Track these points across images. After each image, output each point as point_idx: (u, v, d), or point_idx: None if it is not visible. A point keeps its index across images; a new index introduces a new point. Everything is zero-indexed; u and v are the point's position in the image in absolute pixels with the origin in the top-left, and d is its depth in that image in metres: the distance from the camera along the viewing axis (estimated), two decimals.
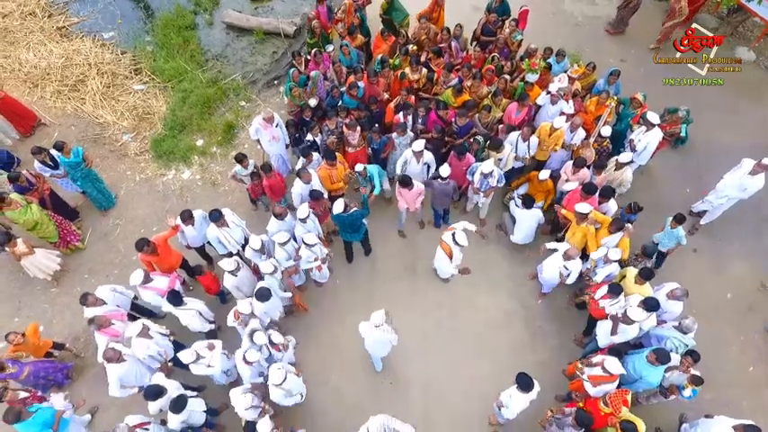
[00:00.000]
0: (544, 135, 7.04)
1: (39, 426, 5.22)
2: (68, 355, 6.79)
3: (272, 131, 7.15)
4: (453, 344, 6.89)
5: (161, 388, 5.19)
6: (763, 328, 7.06)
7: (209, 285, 6.65)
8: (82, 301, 5.78)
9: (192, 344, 5.67)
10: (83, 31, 10.39)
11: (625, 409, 5.08)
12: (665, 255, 6.85)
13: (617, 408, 5.04)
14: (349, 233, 6.71)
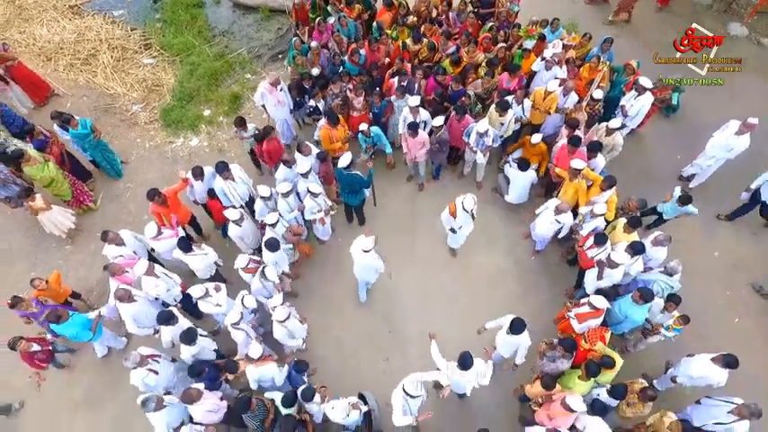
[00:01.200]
0: (538, 99, 7.32)
1: (78, 326, 5.78)
2: (83, 306, 7.11)
3: (277, 95, 7.46)
4: (450, 298, 7.17)
5: (172, 314, 5.52)
6: (748, 284, 7.31)
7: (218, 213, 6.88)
8: (102, 238, 6.14)
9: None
10: (94, 9, 10.81)
11: (601, 344, 5.36)
12: (664, 220, 7.10)
13: (593, 341, 5.34)
14: (347, 194, 7.02)
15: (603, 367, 5.26)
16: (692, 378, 5.58)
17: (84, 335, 5.89)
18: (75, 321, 5.75)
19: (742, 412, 4.99)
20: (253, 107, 9.13)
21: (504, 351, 5.73)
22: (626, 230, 6.06)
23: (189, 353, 5.52)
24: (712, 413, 5.29)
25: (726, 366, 5.24)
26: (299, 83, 7.89)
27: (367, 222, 7.80)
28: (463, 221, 6.60)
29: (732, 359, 5.17)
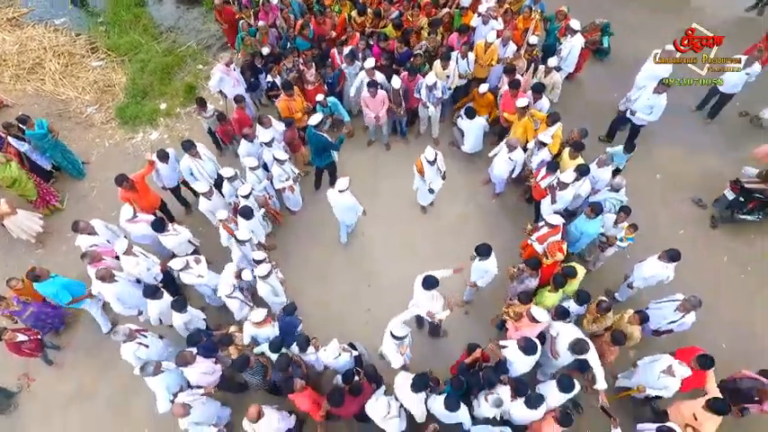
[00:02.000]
0: (480, 52, 7.79)
1: (58, 286, 6.04)
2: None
3: (233, 75, 7.67)
4: (421, 248, 7.57)
5: (158, 287, 5.70)
6: (688, 198, 8.01)
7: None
8: (73, 228, 6.20)
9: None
10: (33, 20, 10.67)
11: (560, 254, 5.87)
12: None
13: (553, 253, 5.84)
14: (315, 155, 7.33)
15: (568, 277, 5.75)
16: (645, 279, 6.16)
17: (62, 296, 6.09)
18: (55, 282, 5.95)
19: (686, 306, 5.60)
20: (208, 95, 9.27)
21: (476, 276, 6.15)
22: (571, 156, 6.60)
23: (181, 320, 5.71)
24: (663, 314, 5.87)
25: (670, 260, 5.82)
26: (250, 63, 8.11)
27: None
28: (431, 176, 6.95)
29: (674, 252, 5.76)
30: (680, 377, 5.21)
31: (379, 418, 4.95)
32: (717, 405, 4.97)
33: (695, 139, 8.53)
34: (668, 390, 5.35)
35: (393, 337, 5.36)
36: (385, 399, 5.04)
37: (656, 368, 5.46)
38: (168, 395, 5.44)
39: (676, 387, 5.29)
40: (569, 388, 4.96)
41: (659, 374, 5.39)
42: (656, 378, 5.42)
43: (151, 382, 5.38)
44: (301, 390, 5.16)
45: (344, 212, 6.72)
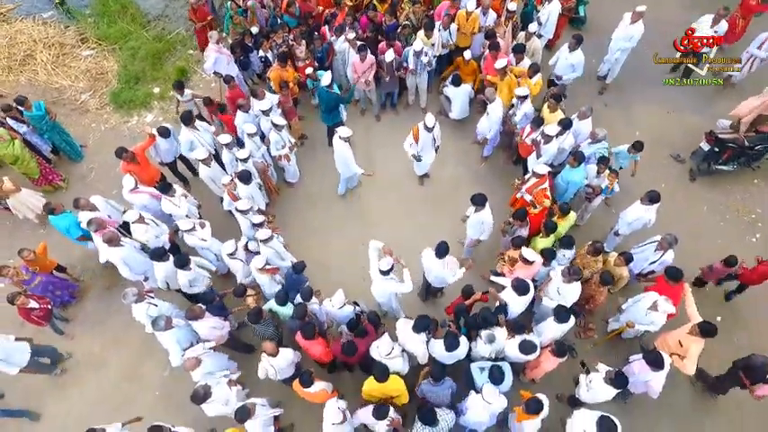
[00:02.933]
0: (462, 21, 8.09)
1: (72, 221, 6.43)
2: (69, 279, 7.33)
3: (225, 52, 7.90)
4: (414, 209, 7.89)
5: (165, 250, 5.91)
6: (668, 155, 8.39)
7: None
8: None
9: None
10: (21, 14, 10.76)
11: (547, 201, 6.21)
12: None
13: (540, 200, 6.17)
14: (325, 113, 7.68)
15: (560, 214, 6.12)
16: (629, 225, 6.50)
17: (74, 231, 6.44)
18: (69, 216, 6.32)
19: (664, 244, 5.96)
20: (201, 79, 9.51)
21: (473, 232, 6.44)
22: (551, 109, 6.95)
23: (185, 278, 5.91)
24: (645, 256, 6.23)
25: (650, 202, 6.17)
26: (240, 42, 8.35)
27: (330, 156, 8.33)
28: (425, 143, 7.18)
29: (654, 193, 6.11)
30: (664, 312, 5.52)
31: (383, 356, 5.21)
32: (706, 327, 5.27)
33: (671, 99, 8.94)
34: (654, 324, 5.67)
35: (383, 273, 5.58)
36: (388, 338, 5.29)
37: (642, 306, 5.78)
38: (180, 350, 5.65)
39: (662, 321, 5.61)
40: (566, 319, 5.27)
41: (646, 311, 5.71)
42: (644, 315, 5.74)
43: (163, 337, 5.59)
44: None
45: (341, 163, 7.04)
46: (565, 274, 5.59)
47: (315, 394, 5.21)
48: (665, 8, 9.80)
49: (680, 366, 5.43)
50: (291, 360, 5.43)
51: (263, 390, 6.05)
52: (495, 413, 5.11)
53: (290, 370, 5.61)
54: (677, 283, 5.59)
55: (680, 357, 5.51)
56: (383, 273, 5.53)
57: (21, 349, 6.02)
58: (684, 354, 5.46)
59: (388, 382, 5.02)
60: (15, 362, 5.93)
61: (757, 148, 7.61)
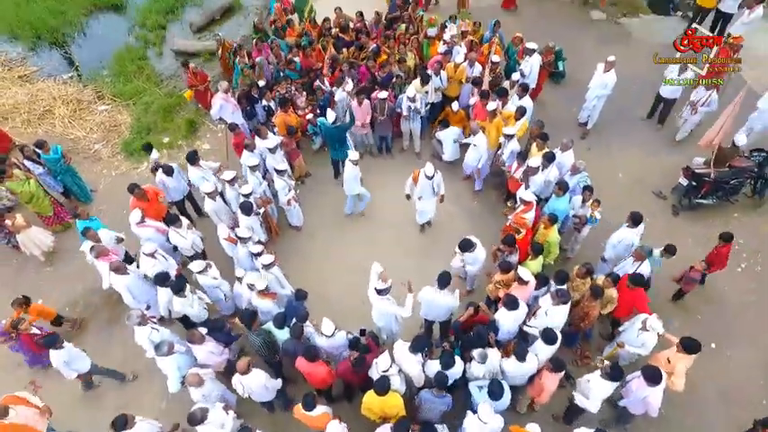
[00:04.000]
0: (450, 72, 8.85)
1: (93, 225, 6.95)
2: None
3: (232, 102, 8.55)
4: (412, 246, 8.18)
5: (168, 275, 6.11)
6: (650, 192, 8.83)
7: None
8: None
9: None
10: (43, 76, 11.63)
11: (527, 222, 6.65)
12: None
13: (520, 223, 6.54)
14: (335, 148, 8.25)
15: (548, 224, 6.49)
16: (615, 246, 6.81)
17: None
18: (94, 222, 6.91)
19: (639, 254, 6.32)
20: (208, 129, 10.15)
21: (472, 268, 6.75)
22: (539, 147, 7.44)
23: (180, 305, 6.09)
24: (625, 270, 6.52)
25: (634, 223, 6.51)
26: (247, 93, 9.03)
27: (330, 195, 8.90)
28: (423, 189, 7.52)
29: (636, 214, 6.47)
30: (655, 331, 5.70)
31: (381, 371, 5.27)
32: (687, 343, 5.44)
33: (650, 142, 9.53)
34: (645, 347, 5.81)
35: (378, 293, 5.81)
36: (388, 355, 5.38)
37: (634, 328, 5.95)
38: (179, 376, 5.70)
39: (653, 342, 5.76)
40: (553, 340, 5.42)
41: (637, 332, 5.87)
42: (635, 336, 5.89)
43: (163, 363, 5.66)
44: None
45: (348, 183, 7.79)
46: (554, 297, 5.80)
47: (316, 418, 5.21)
48: (633, 62, 10.67)
49: (669, 385, 5.49)
50: (264, 384, 5.47)
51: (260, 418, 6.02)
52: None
53: (267, 394, 5.68)
54: (635, 288, 5.99)
55: (669, 375, 5.59)
56: (379, 292, 5.72)
57: (81, 357, 6.21)
58: (672, 371, 5.57)
59: (388, 397, 5.06)
60: (76, 368, 6.14)
61: (732, 182, 8.07)
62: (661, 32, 11.84)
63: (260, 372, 5.52)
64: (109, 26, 13.23)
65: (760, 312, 7.38)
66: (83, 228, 6.76)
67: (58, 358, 5.90)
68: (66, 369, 6.03)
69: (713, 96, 8.51)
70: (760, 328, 7.23)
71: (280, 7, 10.36)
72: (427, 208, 7.84)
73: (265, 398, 5.63)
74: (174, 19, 13.27)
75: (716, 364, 6.89)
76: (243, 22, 13.01)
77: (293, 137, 8.04)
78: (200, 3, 13.66)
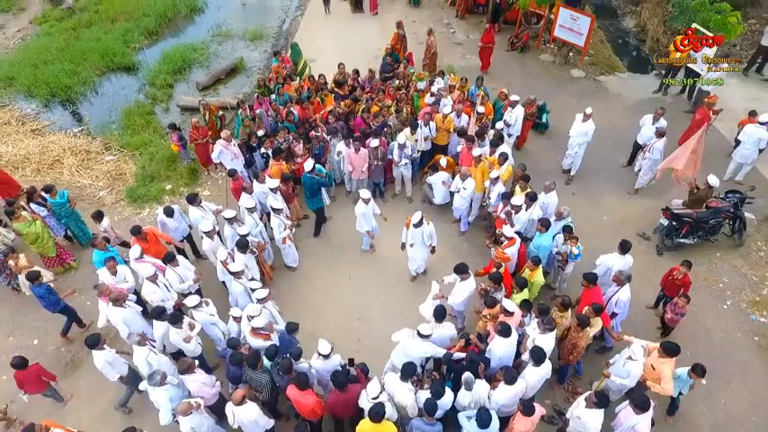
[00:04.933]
0: (439, 122, 9.45)
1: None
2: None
3: (231, 149, 9.06)
4: (403, 285, 8.37)
5: (165, 309, 6.27)
6: (635, 233, 9.15)
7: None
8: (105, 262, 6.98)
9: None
10: (55, 130, 12.28)
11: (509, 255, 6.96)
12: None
13: (502, 257, 6.82)
14: (308, 197, 8.56)
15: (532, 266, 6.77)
16: (597, 267, 7.19)
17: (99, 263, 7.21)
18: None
19: (619, 279, 6.61)
20: (209, 178, 10.62)
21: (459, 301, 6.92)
22: (522, 188, 7.86)
23: (177, 335, 6.18)
24: (607, 295, 6.81)
25: (623, 251, 6.93)
26: (246, 142, 9.58)
27: (326, 239, 9.24)
28: (413, 237, 7.74)
29: (625, 242, 6.90)
30: (641, 360, 5.84)
31: (371, 398, 5.32)
32: (668, 346, 5.78)
33: (631, 186, 9.95)
34: (631, 377, 5.93)
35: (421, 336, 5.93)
36: (377, 382, 5.46)
37: (622, 358, 6.09)
38: (170, 408, 5.73)
39: (639, 371, 5.89)
40: (541, 359, 5.53)
41: (624, 362, 6.00)
42: (622, 366, 6.02)
43: (155, 394, 5.71)
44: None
45: (359, 220, 8.22)
46: (540, 325, 5.97)
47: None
48: (611, 114, 11.37)
49: (659, 391, 5.69)
50: (256, 419, 5.49)
51: None
52: None
53: (256, 430, 5.68)
54: (592, 286, 6.53)
55: (657, 382, 5.82)
56: (422, 336, 5.87)
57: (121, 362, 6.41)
58: (659, 376, 5.78)
59: (382, 425, 5.09)
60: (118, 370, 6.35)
61: (711, 222, 8.42)
62: (636, 89, 12.71)
63: (254, 406, 5.55)
64: (120, 85, 14.14)
65: (746, 348, 7.48)
66: (106, 257, 7.04)
67: (101, 359, 6.10)
68: (110, 370, 6.25)
69: (656, 145, 9.05)
70: (747, 363, 7.30)
71: (279, 66, 11.18)
72: (417, 256, 8.02)
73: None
74: (181, 79, 14.21)
75: (708, 401, 6.92)
76: (246, 81, 13.92)
77: (288, 183, 8.42)
78: (207, 64, 14.66)
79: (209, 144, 10.13)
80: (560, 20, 12.85)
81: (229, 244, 7.70)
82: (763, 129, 8.99)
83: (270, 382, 5.93)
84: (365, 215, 8.03)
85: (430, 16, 15.96)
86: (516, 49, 14.10)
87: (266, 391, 5.95)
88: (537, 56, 14.05)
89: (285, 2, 17.98)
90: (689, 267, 7.10)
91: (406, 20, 14.20)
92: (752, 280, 8.35)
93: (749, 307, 7.97)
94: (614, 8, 17.41)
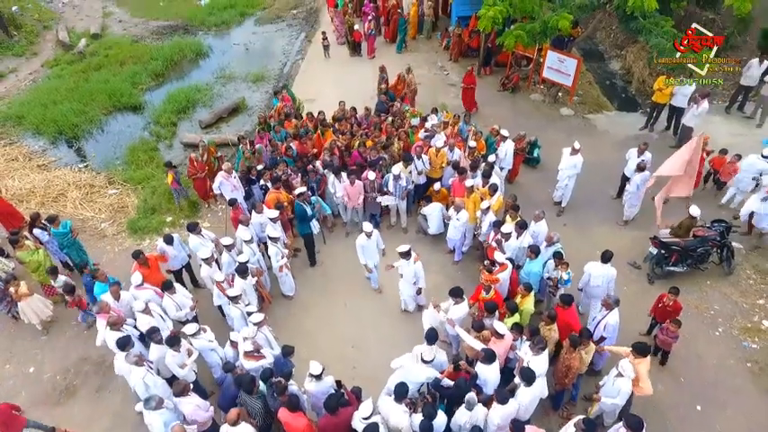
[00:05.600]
0: (432, 156, 9.82)
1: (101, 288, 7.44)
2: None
3: (232, 182, 9.37)
4: (399, 315, 8.47)
5: (158, 328, 6.37)
6: (626, 263, 9.32)
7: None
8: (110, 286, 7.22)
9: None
10: (60, 166, 12.65)
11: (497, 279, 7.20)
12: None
13: (491, 281, 7.01)
14: (299, 224, 8.77)
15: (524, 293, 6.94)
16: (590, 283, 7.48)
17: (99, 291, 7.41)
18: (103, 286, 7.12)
19: (607, 303, 6.73)
20: (209, 210, 10.88)
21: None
22: (512, 216, 8.11)
23: (173, 359, 6.25)
24: (592, 315, 7.12)
25: (603, 261, 7.18)
26: (245, 175, 9.90)
27: (322, 268, 9.41)
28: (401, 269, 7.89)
29: (606, 252, 7.22)
30: (629, 376, 5.90)
31: (362, 418, 5.35)
32: (639, 346, 6.05)
33: (620, 217, 10.19)
34: (621, 395, 5.97)
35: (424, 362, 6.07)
36: (370, 403, 5.49)
37: (611, 377, 6.17)
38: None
39: (628, 388, 5.95)
40: (531, 379, 5.60)
41: (613, 380, 6.07)
42: (612, 385, 6.08)
43: (151, 417, 5.72)
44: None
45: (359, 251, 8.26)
46: (532, 348, 6.05)
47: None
48: (600, 150, 11.79)
49: (639, 392, 5.87)
50: None
51: None
52: None
53: None
54: (567, 307, 6.76)
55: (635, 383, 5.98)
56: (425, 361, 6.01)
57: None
58: (638, 377, 5.96)
59: None
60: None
61: (699, 250, 8.62)
62: (623, 126, 13.22)
63: (249, 427, 5.57)
64: (126, 123, 14.67)
65: (739, 374, 7.51)
66: (112, 281, 7.41)
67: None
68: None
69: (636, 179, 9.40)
70: (740, 389, 7.31)
71: (280, 105, 11.72)
72: (404, 291, 8.11)
73: None
74: (184, 117, 14.75)
75: (703, 427, 6.90)
76: (247, 120, 14.46)
77: (283, 211, 8.67)
78: (210, 104, 15.25)
79: (207, 180, 10.45)
80: (548, 62, 13.50)
81: (225, 270, 7.85)
82: (764, 162, 9.37)
83: (264, 407, 5.95)
84: (364, 248, 8.14)
85: (426, 60, 16.71)
86: (507, 89, 14.71)
87: (260, 417, 5.97)
88: (527, 96, 14.65)
89: (286, 47, 18.85)
90: (677, 293, 7.25)
91: (402, 63, 14.93)
92: (742, 307, 8.45)
93: (741, 334, 8.04)
94: (601, 52, 18.20)
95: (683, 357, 7.68)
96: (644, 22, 10.38)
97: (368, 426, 5.19)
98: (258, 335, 6.64)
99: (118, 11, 22.66)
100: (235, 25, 21.07)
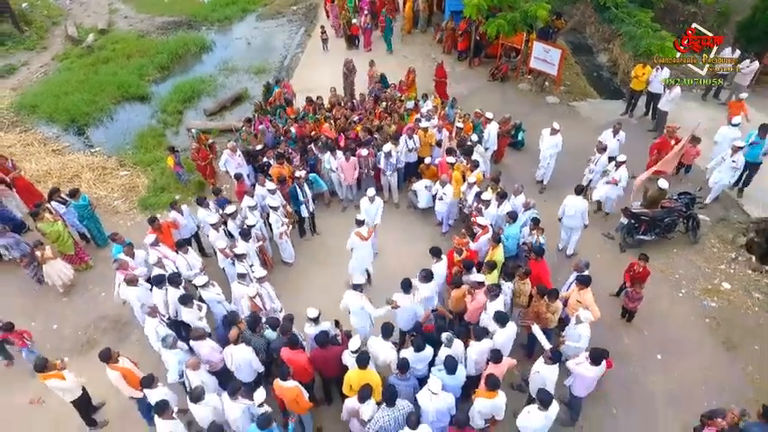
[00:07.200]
0: (422, 136, 10.58)
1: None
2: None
3: (236, 159, 10.14)
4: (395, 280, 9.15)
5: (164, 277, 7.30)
6: (600, 233, 10.08)
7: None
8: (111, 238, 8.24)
9: None
10: (74, 151, 13.41)
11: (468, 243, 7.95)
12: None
13: (462, 243, 7.84)
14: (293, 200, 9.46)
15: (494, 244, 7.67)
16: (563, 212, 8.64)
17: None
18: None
19: (577, 267, 7.43)
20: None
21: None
22: (492, 188, 8.86)
23: (189, 315, 7.03)
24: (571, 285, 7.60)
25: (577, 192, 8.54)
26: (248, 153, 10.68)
27: (320, 239, 10.19)
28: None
29: (578, 186, 8.59)
30: (587, 320, 6.64)
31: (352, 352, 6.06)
32: (580, 278, 7.11)
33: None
34: (583, 338, 6.69)
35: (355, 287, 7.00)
36: (358, 338, 6.22)
37: (572, 324, 6.91)
38: (178, 369, 6.47)
39: (587, 333, 6.66)
40: (504, 321, 6.36)
41: (574, 327, 6.81)
42: (574, 330, 6.82)
43: (166, 355, 6.48)
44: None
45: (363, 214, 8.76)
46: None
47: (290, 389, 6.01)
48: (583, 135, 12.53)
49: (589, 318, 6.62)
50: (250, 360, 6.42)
51: None
52: (442, 410, 5.79)
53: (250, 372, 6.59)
54: (540, 259, 7.52)
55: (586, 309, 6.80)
56: (355, 287, 6.73)
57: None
58: (586, 305, 6.86)
59: (367, 371, 5.86)
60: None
61: (666, 220, 9.37)
62: (604, 112, 13.98)
63: (247, 348, 6.38)
64: (134, 112, 15.44)
65: (698, 328, 8.27)
66: (128, 243, 8.12)
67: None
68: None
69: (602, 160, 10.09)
70: (699, 342, 8.07)
71: (280, 91, 12.49)
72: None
73: (248, 377, 6.37)
74: (190, 106, 15.53)
75: (663, 373, 7.65)
76: (249, 108, 15.13)
77: (284, 184, 9.43)
78: (214, 94, 16.03)
79: (210, 167, 11.20)
80: (535, 52, 14.25)
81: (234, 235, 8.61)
82: (736, 129, 10.19)
83: (266, 345, 6.70)
84: (367, 210, 8.89)
85: (421, 52, 17.49)
86: (497, 79, 15.48)
87: (262, 354, 6.71)
88: (516, 85, 15.42)
89: (287, 41, 19.62)
90: (646, 260, 7.98)
91: (395, 56, 15.69)
92: (705, 271, 9.21)
93: (702, 294, 8.80)
94: (590, 46, 18.98)
95: (648, 315, 8.42)
96: (617, 12, 11.14)
97: (359, 355, 5.92)
98: (261, 289, 7.40)
99: (124, 7, 23.45)
100: (237, 21, 21.88)
